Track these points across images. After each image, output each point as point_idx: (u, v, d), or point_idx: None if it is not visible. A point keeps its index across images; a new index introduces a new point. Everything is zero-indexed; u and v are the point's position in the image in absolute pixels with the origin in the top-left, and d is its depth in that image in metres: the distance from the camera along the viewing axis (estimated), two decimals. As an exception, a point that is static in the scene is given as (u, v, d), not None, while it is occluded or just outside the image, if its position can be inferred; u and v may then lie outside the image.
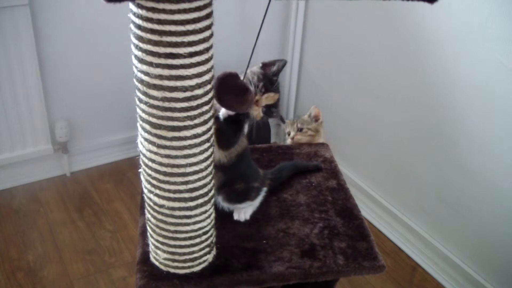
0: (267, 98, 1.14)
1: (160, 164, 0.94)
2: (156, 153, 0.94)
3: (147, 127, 0.92)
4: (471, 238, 1.72)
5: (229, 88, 1.01)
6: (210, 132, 0.97)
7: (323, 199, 1.32)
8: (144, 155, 0.97)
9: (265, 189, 1.29)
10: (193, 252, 1.06)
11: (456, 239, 1.78)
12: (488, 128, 1.56)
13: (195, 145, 0.94)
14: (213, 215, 1.07)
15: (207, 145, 0.96)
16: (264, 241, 1.17)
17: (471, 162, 1.64)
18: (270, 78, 1.15)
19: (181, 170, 0.95)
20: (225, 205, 1.23)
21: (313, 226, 1.23)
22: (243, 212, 1.23)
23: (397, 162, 1.95)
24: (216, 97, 1.01)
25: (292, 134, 1.60)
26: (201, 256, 1.07)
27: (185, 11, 0.80)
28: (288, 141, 1.61)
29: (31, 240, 1.92)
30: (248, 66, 1.11)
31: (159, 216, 1.01)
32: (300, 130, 1.58)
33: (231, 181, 1.19)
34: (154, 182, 0.97)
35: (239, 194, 1.21)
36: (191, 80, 0.87)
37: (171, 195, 0.97)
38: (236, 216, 1.23)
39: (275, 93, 1.15)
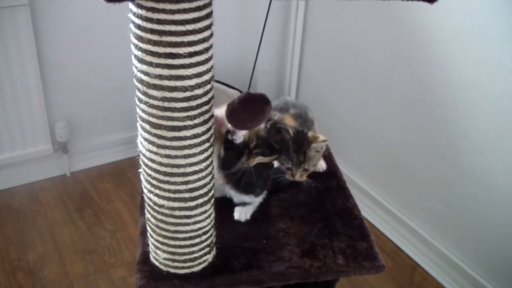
0: (259, 159, 1.15)
1: (160, 164, 0.94)
2: (156, 153, 0.94)
3: (147, 127, 0.92)
4: (471, 238, 1.72)
5: (247, 104, 0.96)
6: (210, 132, 0.97)
7: (323, 199, 1.32)
8: (144, 155, 0.97)
9: (265, 191, 1.29)
10: (193, 252, 1.06)
11: (456, 239, 1.78)
12: (488, 128, 1.56)
13: (195, 145, 0.94)
14: (213, 215, 1.07)
15: (207, 145, 0.96)
16: (264, 241, 1.17)
17: (471, 162, 1.64)
18: (270, 144, 1.14)
19: (181, 170, 0.95)
20: (231, 192, 1.23)
21: (313, 226, 1.23)
22: (244, 212, 1.24)
23: (397, 162, 1.95)
24: (234, 119, 0.97)
25: (298, 176, 1.30)
26: (201, 256, 1.07)
27: (185, 11, 0.80)
28: (289, 178, 1.32)
29: (31, 240, 1.92)
30: (252, 75, 1.10)
31: (159, 216, 1.01)
32: (306, 170, 1.31)
33: (244, 172, 1.19)
34: (154, 182, 0.97)
35: (247, 185, 1.21)
36: (191, 80, 0.87)
37: (171, 195, 0.97)
38: (236, 216, 1.23)
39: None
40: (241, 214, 1.23)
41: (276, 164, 1.40)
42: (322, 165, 1.42)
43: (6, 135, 2.04)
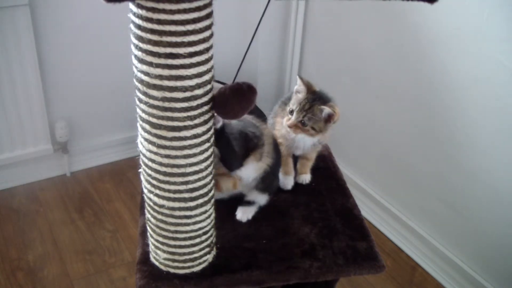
0: None
1: (160, 164, 0.94)
2: (156, 153, 0.94)
3: (147, 127, 0.92)
4: (471, 238, 1.72)
5: (237, 94, 0.95)
6: (210, 132, 0.97)
7: (323, 199, 1.32)
8: (144, 155, 0.97)
9: None
10: (193, 252, 1.06)
11: (456, 239, 1.78)
12: (488, 128, 1.56)
13: (195, 145, 0.94)
14: (213, 215, 1.07)
15: (207, 145, 0.96)
16: (264, 241, 1.17)
17: (471, 161, 1.64)
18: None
19: (181, 170, 0.95)
20: (249, 193, 1.24)
21: (313, 226, 1.23)
22: (247, 212, 1.24)
23: (397, 162, 1.95)
24: (225, 111, 0.96)
25: (292, 120, 1.26)
26: (201, 256, 1.07)
27: (185, 11, 0.80)
28: (284, 122, 1.28)
29: (31, 240, 1.92)
30: (239, 69, 1.10)
31: (159, 216, 1.01)
32: (303, 124, 1.25)
33: (272, 173, 1.22)
34: (154, 182, 0.97)
35: (271, 185, 1.25)
36: (191, 80, 0.87)
37: (171, 195, 0.97)
38: (239, 216, 1.23)
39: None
40: (243, 214, 1.23)
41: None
42: (306, 178, 1.38)
43: (6, 135, 2.04)
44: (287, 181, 1.33)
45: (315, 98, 1.25)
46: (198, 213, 1.01)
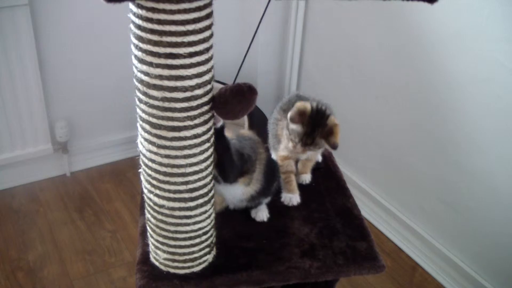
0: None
1: (160, 164, 0.94)
2: (156, 153, 0.94)
3: (147, 127, 0.92)
4: (471, 238, 1.72)
5: (238, 95, 0.94)
6: (210, 132, 0.97)
7: (323, 199, 1.32)
8: (144, 155, 0.97)
9: None
10: (193, 252, 1.06)
11: (456, 239, 1.78)
12: (488, 128, 1.56)
13: (195, 145, 0.94)
14: (213, 215, 1.07)
15: (207, 145, 0.96)
16: (264, 241, 1.17)
17: (471, 162, 1.64)
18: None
19: (181, 170, 0.95)
20: (251, 200, 1.23)
21: (313, 226, 1.23)
22: (261, 210, 1.24)
23: (397, 162, 1.95)
24: (225, 111, 0.96)
25: (299, 148, 1.23)
26: (201, 256, 1.08)
27: (185, 11, 0.80)
28: (290, 146, 1.25)
29: (31, 240, 1.92)
30: (240, 69, 1.10)
31: (159, 216, 1.01)
32: (310, 149, 1.25)
33: (271, 180, 1.22)
34: (154, 182, 0.97)
35: (272, 191, 1.26)
36: (191, 80, 0.87)
37: (171, 195, 0.98)
38: (259, 218, 1.24)
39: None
40: (262, 213, 1.24)
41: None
42: (306, 178, 1.38)
43: (6, 135, 2.04)
44: (293, 198, 1.30)
45: (314, 127, 1.19)
46: (198, 213, 1.01)
